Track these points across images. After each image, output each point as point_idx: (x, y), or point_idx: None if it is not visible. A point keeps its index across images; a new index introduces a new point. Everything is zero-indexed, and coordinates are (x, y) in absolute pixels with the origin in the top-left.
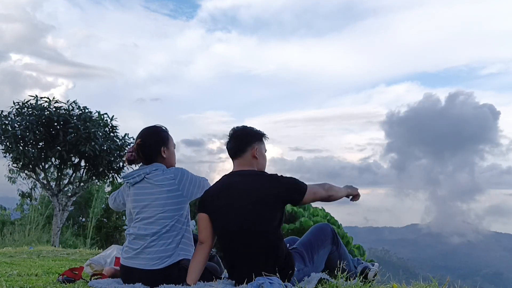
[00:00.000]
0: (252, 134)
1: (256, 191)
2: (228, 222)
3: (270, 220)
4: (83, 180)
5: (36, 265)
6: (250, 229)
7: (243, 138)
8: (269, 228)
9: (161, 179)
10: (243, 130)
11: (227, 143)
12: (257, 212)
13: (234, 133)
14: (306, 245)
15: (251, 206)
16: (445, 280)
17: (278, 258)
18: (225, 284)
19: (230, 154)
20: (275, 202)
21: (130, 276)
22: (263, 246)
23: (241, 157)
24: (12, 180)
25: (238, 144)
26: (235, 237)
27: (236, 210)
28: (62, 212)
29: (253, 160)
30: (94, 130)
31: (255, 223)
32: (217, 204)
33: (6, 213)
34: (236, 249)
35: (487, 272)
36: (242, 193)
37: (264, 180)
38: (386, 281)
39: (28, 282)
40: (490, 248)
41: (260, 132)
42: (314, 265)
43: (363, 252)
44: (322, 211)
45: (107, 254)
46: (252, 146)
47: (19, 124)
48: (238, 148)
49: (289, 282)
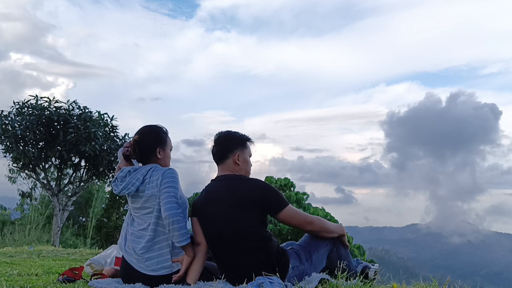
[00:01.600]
0: (235, 140)
1: (232, 195)
2: (210, 228)
3: (249, 222)
4: (83, 180)
5: (36, 265)
6: (230, 232)
7: (225, 144)
8: (250, 229)
9: (151, 193)
10: (226, 136)
11: (212, 148)
12: (234, 215)
13: (217, 138)
14: (303, 243)
15: (228, 209)
16: (445, 280)
17: (268, 256)
18: (225, 284)
19: (214, 159)
20: (249, 204)
21: (130, 272)
22: (247, 247)
23: (223, 163)
24: (12, 180)
25: (220, 151)
26: (218, 241)
27: (216, 215)
28: (62, 212)
29: (235, 166)
30: (94, 130)
31: (234, 226)
32: (202, 210)
33: (6, 213)
34: (223, 253)
35: (487, 272)
36: (220, 197)
37: (241, 183)
38: (386, 281)
39: (28, 282)
40: (490, 248)
41: (244, 137)
42: (312, 263)
43: (363, 252)
44: (323, 210)
45: (107, 254)
46: (233, 152)
47: (19, 124)
48: (221, 155)
49: (285, 280)
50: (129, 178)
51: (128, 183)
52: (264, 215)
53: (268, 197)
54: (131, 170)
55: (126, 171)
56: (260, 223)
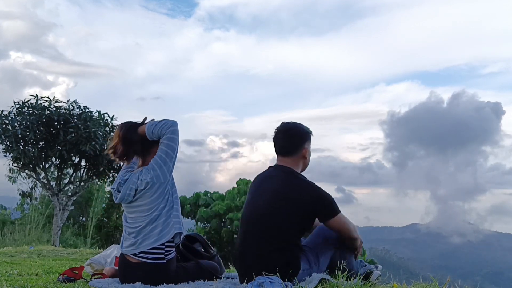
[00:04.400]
0: (304, 133)
1: (287, 194)
2: (252, 211)
3: (289, 227)
4: (84, 179)
5: (37, 264)
6: (270, 224)
7: (296, 138)
8: (290, 231)
9: (151, 201)
10: (296, 128)
11: (277, 139)
12: (280, 214)
13: (287, 130)
14: (311, 244)
15: (277, 205)
16: (446, 279)
17: (290, 260)
18: (225, 284)
19: (280, 151)
20: (299, 207)
21: (127, 265)
22: (277, 246)
23: (290, 156)
24: (12, 179)
25: (291, 144)
26: (253, 225)
27: (262, 202)
28: (62, 212)
29: (301, 160)
30: (95, 130)
31: (276, 219)
32: (251, 192)
33: (7, 213)
34: (249, 240)
35: (488, 271)
36: (274, 189)
37: (299, 183)
38: (387, 280)
39: (28, 282)
40: (491, 248)
41: (309, 130)
42: (319, 267)
43: (364, 252)
44: None
45: (108, 254)
46: (303, 146)
47: (19, 123)
48: (290, 148)
49: (290, 282)
50: (123, 190)
51: (123, 194)
52: (310, 220)
53: (323, 203)
54: (121, 182)
55: (117, 182)
56: (301, 229)
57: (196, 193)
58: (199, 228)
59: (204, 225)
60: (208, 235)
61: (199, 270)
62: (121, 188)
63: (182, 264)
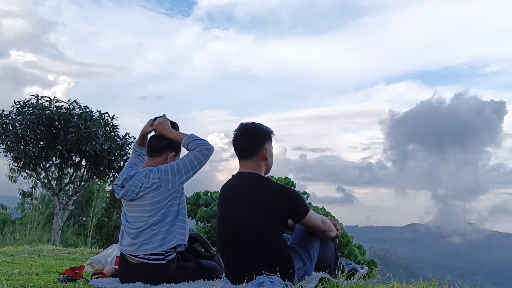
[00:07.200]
0: (263, 133)
1: (256, 199)
2: (227, 227)
3: (270, 229)
4: (84, 179)
5: (37, 264)
6: (249, 236)
7: (255, 138)
8: (271, 237)
9: (153, 199)
10: (254, 128)
11: (236, 141)
12: (256, 220)
13: (245, 131)
14: (298, 241)
15: (250, 212)
16: (446, 279)
17: (281, 263)
18: (225, 283)
19: (239, 154)
20: (274, 212)
21: (127, 265)
22: (263, 254)
23: (251, 159)
24: (13, 179)
25: (249, 145)
26: (233, 242)
27: (236, 215)
28: (62, 211)
29: (263, 161)
30: (95, 130)
31: (255, 230)
32: (220, 207)
33: (7, 212)
34: (235, 254)
35: (488, 271)
36: (243, 199)
37: (267, 189)
38: (387, 280)
39: (29, 281)
40: (491, 248)
41: (269, 130)
42: (312, 261)
43: (364, 252)
44: (323, 210)
45: (108, 253)
46: (263, 147)
47: (20, 123)
48: (250, 150)
49: (290, 282)
50: (128, 185)
51: (127, 190)
52: (286, 222)
53: (293, 205)
54: (127, 177)
55: (122, 178)
56: (279, 231)
57: (197, 192)
58: (199, 227)
59: (204, 225)
60: (208, 235)
61: (199, 270)
62: (126, 184)
63: (182, 264)
